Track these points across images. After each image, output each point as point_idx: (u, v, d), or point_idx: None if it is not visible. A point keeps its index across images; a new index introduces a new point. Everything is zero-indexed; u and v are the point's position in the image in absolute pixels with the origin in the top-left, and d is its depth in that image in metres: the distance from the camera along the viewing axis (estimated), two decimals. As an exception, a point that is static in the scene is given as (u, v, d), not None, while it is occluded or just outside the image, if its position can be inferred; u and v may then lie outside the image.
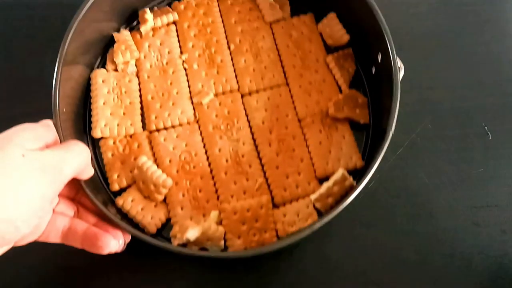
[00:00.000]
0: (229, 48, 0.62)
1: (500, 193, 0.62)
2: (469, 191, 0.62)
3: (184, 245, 0.52)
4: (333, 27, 0.61)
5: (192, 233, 0.50)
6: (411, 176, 0.63)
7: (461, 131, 0.65)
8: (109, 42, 0.63)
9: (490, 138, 0.65)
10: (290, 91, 0.60)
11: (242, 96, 0.60)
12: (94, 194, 0.50)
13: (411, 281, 0.58)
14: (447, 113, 0.66)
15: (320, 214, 0.55)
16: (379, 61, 0.55)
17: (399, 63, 0.53)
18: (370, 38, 0.56)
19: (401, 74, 0.53)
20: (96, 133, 0.57)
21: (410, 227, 0.61)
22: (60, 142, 0.49)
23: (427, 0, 0.75)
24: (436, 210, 0.61)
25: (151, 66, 0.61)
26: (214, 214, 0.54)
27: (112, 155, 0.57)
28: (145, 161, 0.55)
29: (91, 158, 0.51)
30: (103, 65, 0.62)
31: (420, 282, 0.58)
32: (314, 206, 0.55)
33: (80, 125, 0.58)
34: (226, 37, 0.63)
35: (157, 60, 0.61)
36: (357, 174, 0.56)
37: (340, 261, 0.52)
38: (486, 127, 0.66)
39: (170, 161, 0.57)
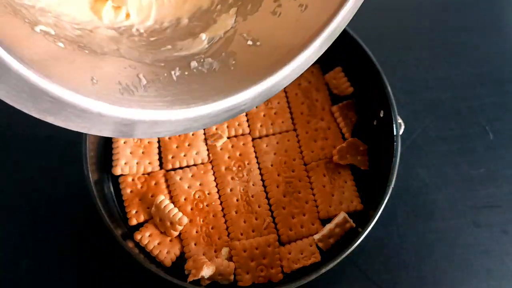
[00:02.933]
0: None
1: (501, 193, 0.63)
2: (470, 191, 0.63)
3: (198, 280, 0.56)
4: (339, 80, 0.66)
5: (207, 272, 0.54)
6: (411, 176, 0.63)
7: (462, 131, 0.66)
8: (130, 84, 0.67)
9: (491, 138, 0.65)
10: (297, 136, 0.65)
11: (253, 140, 0.65)
12: (114, 227, 0.55)
13: (411, 281, 0.60)
14: (447, 113, 0.67)
15: (322, 252, 0.60)
16: (381, 116, 0.60)
17: (399, 119, 0.58)
18: (373, 95, 0.61)
19: (401, 130, 0.58)
20: (117, 170, 0.61)
21: (410, 227, 0.61)
22: (87, 179, 0.54)
23: (427, 0, 0.76)
24: (436, 210, 0.61)
25: (169, 108, 0.65)
26: (225, 251, 0.59)
27: (131, 191, 0.61)
28: (163, 199, 0.59)
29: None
30: (123, 105, 0.66)
31: (420, 282, 0.60)
32: (317, 245, 0.60)
33: (102, 162, 0.62)
34: (239, 83, 0.67)
35: (174, 102, 0.66)
36: (357, 216, 0.61)
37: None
38: (487, 127, 0.66)
39: (185, 199, 0.61)
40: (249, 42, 0.44)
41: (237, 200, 0.61)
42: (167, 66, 0.40)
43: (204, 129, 0.65)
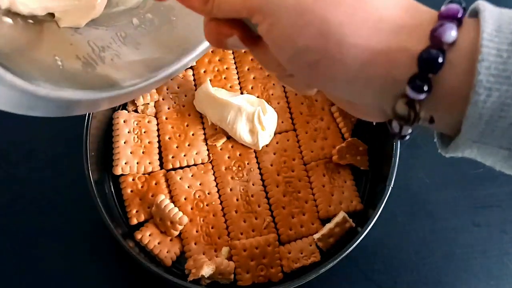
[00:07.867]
0: (242, 94, 0.67)
1: (500, 193, 0.63)
2: (469, 191, 0.62)
3: (198, 279, 0.56)
4: (339, 80, 0.66)
5: (207, 271, 0.54)
6: (411, 176, 0.63)
7: (461, 131, 0.66)
8: (130, 84, 0.67)
9: (491, 137, 0.66)
10: (297, 136, 0.65)
11: (253, 140, 0.65)
12: (114, 226, 0.55)
13: (411, 281, 0.60)
14: (447, 112, 0.67)
15: (322, 252, 0.60)
16: (380, 115, 0.60)
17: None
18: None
19: (400, 130, 0.58)
20: (117, 170, 0.62)
21: (410, 227, 0.61)
22: (87, 178, 0.55)
23: (427, 0, 0.76)
24: (436, 210, 0.61)
25: (169, 108, 0.65)
26: (225, 250, 0.59)
27: (132, 191, 0.61)
28: (163, 199, 0.59)
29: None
30: (124, 105, 0.66)
31: (420, 282, 0.60)
32: (316, 245, 0.60)
33: (102, 162, 0.62)
34: (240, 83, 0.67)
35: (174, 103, 0.66)
36: (356, 216, 0.61)
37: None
38: (486, 127, 0.66)
39: (185, 198, 0.61)
40: None
41: (237, 200, 0.62)
42: (111, 28, 0.40)
43: (204, 129, 0.65)
